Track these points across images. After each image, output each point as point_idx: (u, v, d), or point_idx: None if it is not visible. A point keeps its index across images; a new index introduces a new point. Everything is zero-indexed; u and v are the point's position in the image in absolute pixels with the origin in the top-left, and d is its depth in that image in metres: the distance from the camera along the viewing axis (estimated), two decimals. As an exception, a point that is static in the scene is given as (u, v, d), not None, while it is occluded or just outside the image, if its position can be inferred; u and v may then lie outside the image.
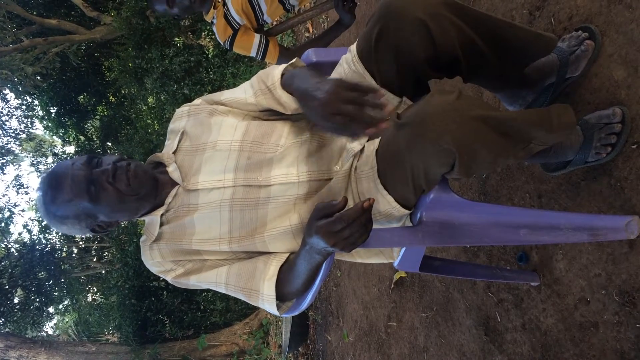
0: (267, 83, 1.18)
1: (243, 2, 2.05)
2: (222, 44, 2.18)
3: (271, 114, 1.25)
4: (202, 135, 1.20)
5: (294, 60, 1.23)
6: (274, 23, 2.59)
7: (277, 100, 1.16)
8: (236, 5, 2.04)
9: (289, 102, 1.13)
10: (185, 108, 1.29)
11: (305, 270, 1.06)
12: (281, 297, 1.15)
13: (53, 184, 1.12)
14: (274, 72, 1.18)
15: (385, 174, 1.03)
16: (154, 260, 1.21)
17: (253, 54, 2.18)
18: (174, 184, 1.19)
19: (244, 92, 1.24)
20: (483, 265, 1.80)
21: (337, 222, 0.87)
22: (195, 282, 1.20)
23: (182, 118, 1.28)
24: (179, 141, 1.23)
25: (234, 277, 1.16)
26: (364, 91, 0.86)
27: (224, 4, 2.07)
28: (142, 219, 1.24)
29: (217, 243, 1.15)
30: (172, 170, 1.18)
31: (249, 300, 1.16)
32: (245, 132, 1.17)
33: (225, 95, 1.27)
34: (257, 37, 2.13)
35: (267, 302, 1.12)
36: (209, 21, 2.16)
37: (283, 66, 1.18)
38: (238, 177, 1.13)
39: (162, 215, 1.18)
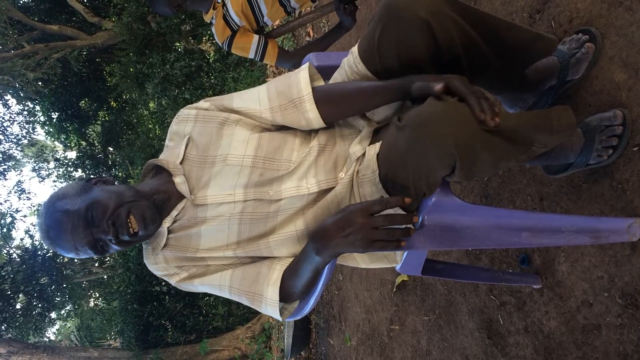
0: (292, 96, 1.14)
1: (243, 4, 2.05)
2: (220, 44, 2.17)
3: (282, 127, 1.23)
4: (211, 147, 1.17)
5: (306, 65, 1.20)
6: (275, 26, 2.59)
7: (302, 115, 1.13)
8: (236, 6, 2.04)
9: (314, 119, 1.12)
10: (192, 112, 1.22)
11: (307, 274, 1.06)
12: (284, 302, 1.15)
13: (55, 241, 1.11)
14: (300, 85, 1.13)
15: (387, 177, 1.03)
16: (158, 265, 1.21)
17: (251, 55, 2.17)
18: (180, 195, 1.17)
19: (258, 103, 1.18)
20: (485, 268, 1.79)
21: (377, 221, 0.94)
22: (199, 285, 1.20)
23: (188, 122, 1.22)
24: (186, 148, 1.19)
25: (237, 280, 1.15)
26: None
27: (224, 4, 2.07)
28: None
29: (222, 251, 1.16)
30: (180, 182, 1.15)
31: (252, 304, 1.15)
32: (257, 146, 1.15)
33: (237, 103, 1.21)
34: (255, 37, 2.12)
35: (270, 306, 1.12)
36: (208, 21, 2.16)
37: (306, 77, 1.14)
38: (249, 192, 1.12)
39: (168, 226, 1.17)
